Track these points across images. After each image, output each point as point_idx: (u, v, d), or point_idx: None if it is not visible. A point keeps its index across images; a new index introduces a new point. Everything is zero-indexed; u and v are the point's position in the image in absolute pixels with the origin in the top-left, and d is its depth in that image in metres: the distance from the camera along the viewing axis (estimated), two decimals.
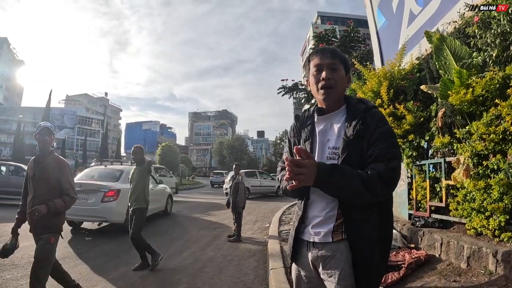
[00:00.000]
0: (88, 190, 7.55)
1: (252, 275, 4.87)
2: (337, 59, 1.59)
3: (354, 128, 1.48)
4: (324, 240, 1.51)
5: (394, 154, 1.45)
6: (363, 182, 1.36)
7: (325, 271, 1.52)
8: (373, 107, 1.57)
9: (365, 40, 14.04)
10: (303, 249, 1.62)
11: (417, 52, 5.72)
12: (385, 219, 1.54)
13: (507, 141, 3.33)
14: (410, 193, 5.39)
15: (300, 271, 1.67)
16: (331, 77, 1.56)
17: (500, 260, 3.04)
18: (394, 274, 3.72)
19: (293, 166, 1.33)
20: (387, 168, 1.39)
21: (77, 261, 5.53)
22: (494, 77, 3.46)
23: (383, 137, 1.46)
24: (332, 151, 1.54)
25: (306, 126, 1.68)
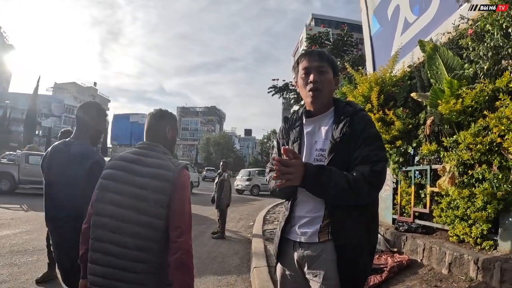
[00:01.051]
0: None
1: (235, 273, 4.88)
2: (325, 62, 1.60)
3: (341, 130, 1.50)
4: (311, 240, 1.53)
5: (380, 157, 1.47)
6: (348, 184, 1.39)
7: (311, 271, 1.53)
8: (360, 110, 1.59)
9: (358, 45, 14.15)
10: (289, 248, 1.64)
11: (409, 60, 5.80)
12: (371, 221, 1.56)
13: (493, 152, 3.40)
14: (395, 198, 5.47)
15: (285, 270, 1.68)
16: (318, 80, 1.58)
17: (481, 267, 3.12)
18: (376, 277, 3.78)
19: (281, 166, 1.35)
20: (372, 171, 1.41)
21: None
22: (484, 89, 3.54)
23: (370, 140, 1.48)
24: (319, 153, 1.56)
25: (295, 127, 1.70)
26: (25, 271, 4.36)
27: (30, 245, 5.66)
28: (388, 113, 5.37)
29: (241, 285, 4.41)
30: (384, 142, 5.18)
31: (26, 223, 7.50)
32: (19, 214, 8.48)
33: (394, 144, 5.40)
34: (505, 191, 3.18)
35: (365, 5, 8.11)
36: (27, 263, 4.71)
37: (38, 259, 4.87)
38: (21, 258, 4.92)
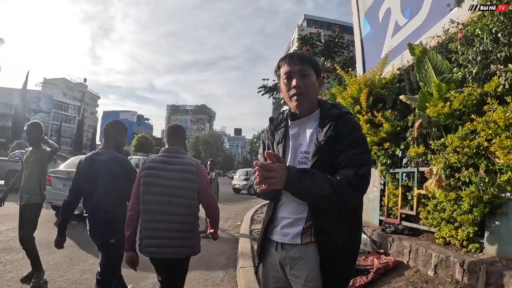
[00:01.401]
0: None
1: (221, 272, 4.83)
2: (307, 65, 1.56)
3: (325, 133, 1.48)
4: (293, 241, 1.52)
5: (364, 160, 1.45)
6: (332, 187, 1.37)
7: (293, 272, 1.53)
8: (346, 113, 1.57)
9: (349, 47, 14.23)
10: (272, 249, 1.63)
11: (399, 63, 5.84)
12: (354, 224, 1.55)
13: (480, 155, 3.44)
14: (382, 199, 5.50)
15: (268, 271, 1.67)
16: (302, 85, 1.54)
17: (466, 269, 3.15)
18: (362, 278, 3.79)
19: (263, 171, 1.33)
20: (356, 175, 1.40)
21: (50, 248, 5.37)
22: (472, 93, 3.57)
23: (355, 143, 1.47)
24: (303, 156, 1.55)
25: (280, 129, 1.68)
26: (10, 269, 4.30)
27: (16, 242, 5.53)
28: (377, 115, 5.39)
29: (227, 285, 4.37)
30: (372, 144, 5.25)
31: (12, 220, 7.33)
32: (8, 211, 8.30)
33: (382, 146, 5.43)
34: (492, 195, 3.22)
35: (356, 7, 8.16)
36: (12, 261, 4.64)
37: (23, 257, 4.75)
38: (6, 255, 4.84)
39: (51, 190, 8.20)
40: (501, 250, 3.18)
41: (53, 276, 4.18)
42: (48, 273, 4.23)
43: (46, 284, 3.96)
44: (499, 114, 3.05)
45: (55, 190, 8.24)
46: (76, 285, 3.97)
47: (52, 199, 8.22)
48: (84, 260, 4.93)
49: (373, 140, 5.46)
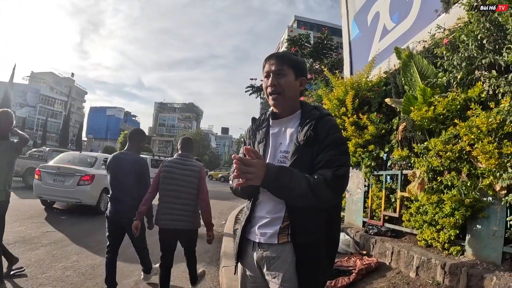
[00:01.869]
0: (65, 173, 8.38)
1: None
2: (284, 65, 1.58)
3: (305, 133, 1.49)
4: (270, 241, 1.52)
5: (343, 161, 1.46)
6: (309, 186, 1.38)
7: (269, 272, 1.53)
8: (326, 114, 1.58)
9: (337, 49, 14.27)
10: (249, 248, 1.63)
11: (385, 66, 5.90)
12: (332, 224, 1.55)
13: (462, 160, 3.49)
14: (366, 201, 5.54)
15: (245, 270, 1.67)
16: (276, 84, 1.57)
17: (448, 272, 3.19)
18: (344, 279, 3.81)
19: (241, 165, 1.34)
20: (334, 175, 1.40)
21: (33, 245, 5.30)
22: (456, 98, 3.62)
23: (333, 144, 1.48)
24: (283, 155, 1.56)
25: (261, 128, 1.70)
26: None
27: None
28: (362, 118, 5.44)
29: (209, 284, 4.35)
30: (357, 146, 5.30)
31: None
32: None
33: (367, 148, 5.47)
34: (473, 199, 3.27)
35: (346, 10, 8.22)
36: None
37: None
38: None
39: (42, 185, 8.38)
40: (482, 253, 3.23)
41: (35, 273, 4.10)
42: (30, 270, 4.17)
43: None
44: (482, 119, 3.11)
45: (46, 185, 8.37)
46: (58, 282, 3.91)
47: (42, 194, 8.42)
48: (66, 257, 4.84)
49: (358, 142, 5.50)
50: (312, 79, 11.21)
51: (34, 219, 7.27)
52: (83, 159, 9.57)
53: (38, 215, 7.73)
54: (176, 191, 3.47)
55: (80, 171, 8.46)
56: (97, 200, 8.67)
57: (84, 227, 7.04)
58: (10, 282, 3.73)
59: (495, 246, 3.13)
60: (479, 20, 3.15)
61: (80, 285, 3.89)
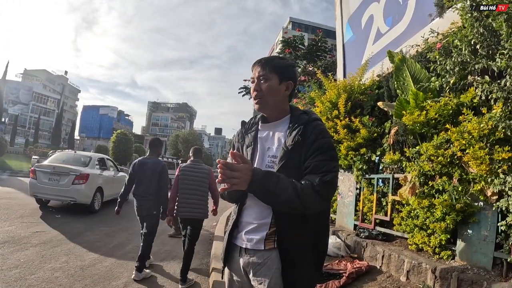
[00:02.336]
0: (60, 172, 8.57)
1: (194, 274, 4.78)
2: (267, 70, 1.58)
3: (293, 138, 1.49)
4: (256, 247, 1.52)
5: (331, 167, 1.44)
6: (295, 192, 1.36)
7: (256, 278, 1.52)
8: (315, 119, 1.57)
9: (331, 51, 14.27)
10: (236, 254, 1.63)
11: (378, 70, 5.91)
12: (319, 230, 1.55)
13: (454, 164, 3.50)
14: (357, 204, 5.55)
15: (232, 275, 1.66)
16: (258, 89, 1.58)
17: (438, 276, 3.19)
18: (334, 282, 3.80)
19: (226, 169, 1.33)
20: (321, 181, 1.39)
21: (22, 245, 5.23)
22: (448, 103, 3.63)
23: (322, 149, 1.46)
24: (271, 160, 1.56)
25: (250, 132, 1.70)
26: None
27: None
28: (354, 121, 5.43)
29: (199, 286, 4.33)
30: (349, 149, 5.29)
31: None
32: None
33: (358, 151, 5.47)
34: (464, 204, 3.28)
35: (340, 12, 8.22)
36: None
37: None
38: None
39: (37, 183, 8.51)
40: (472, 258, 3.24)
41: (24, 273, 4.04)
42: (19, 270, 4.11)
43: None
44: (474, 124, 3.11)
45: (41, 184, 8.50)
46: (47, 283, 3.86)
47: (37, 192, 8.53)
48: (56, 258, 4.78)
49: (350, 145, 5.50)
50: (305, 81, 11.21)
51: (24, 218, 7.17)
52: (78, 159, 9.74)
53: (28, 215, 7.62)
54: (191, 189, 4.49)
55: (75, 171, 8.63)
56: (91, 199, 8.90)
57: (74, 227, 6.95)
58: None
59: (486, 251, 3.14)
60: (473, 25, 3.15)
61: (69, 287, 3.85)
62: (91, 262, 4.76)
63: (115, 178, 11.03)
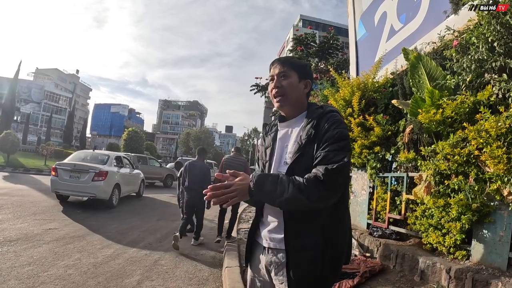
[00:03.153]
0: (81, 170, 9.15)
1: (207, 271, 4.80)
2: (286, 67, 1.59)
3: (307, 132, 1.48)
4: (279, 246, 1.49)
5: (340, 157, 1.37)
6: (297, 187, 1.33)
7: (277, 277, 1.50)
8: (330, 111, 1.54)
9: (343, 49, 14.21)
10: (258, 252, 1.62)
11: (392, 67, 5.85)
12: (331, 229, 1.46)
13: (470, 163, 3.44)
14: (371, 203, 5.51)
15: (254, 275, 1.65)
16: (280, 85, 1.58)
17: (453, 276, 3.16)
18: (348, 281, 3.78)
19: (216, 191, 1.37)
20: (327, 171, 1.33)
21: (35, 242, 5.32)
22: (465, 101, 3.58)
23: (332, 139, 1.42)
24: (289, 156, 1.54)
25: (270, 134, 1.72)
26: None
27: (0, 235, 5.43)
28: (368, 119, 5.40)
29: (212, 284, 4.33)
30: (362, 147, 5.26)
31: None
32: None
33: (372, 149, 5.44)
34: (480, 203, 3.23)
35: (352, 9, 8.16)
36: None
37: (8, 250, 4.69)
38: None
39: (58, 180, 9.10)
40: (488, 258, 3.20)
41: (37, 271, 4.08)
42: (32, 267, 4.16)
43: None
44: (491, 123, 3.06)
45: (62, 181, 9.09)
46: (60, 280, 3.88)
47: (58, 189, 9.15)
48: (69, 255, 4.84)
49: (364, 143, 5.47)
50: (317, 79, 11.16)
51: (37, 215, 7.30)
52: (96, 157, 10.36)
53: (41, 212, 7.77)
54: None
55: (95, 168, 9.21)
56: (110, 195, 9.46)
57: (87, 224, 7.05)
58: (10, 282, 3.70)
59: (501, 252, 3.10)
60: (490, 22, 3.09)
61: (82, 284, 3.86)
62: (104, 260, 4.82)
63: (131, 175, 11.70)
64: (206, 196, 1.37)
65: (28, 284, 3.68)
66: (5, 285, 3.55)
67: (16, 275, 3.86)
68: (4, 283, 3.59)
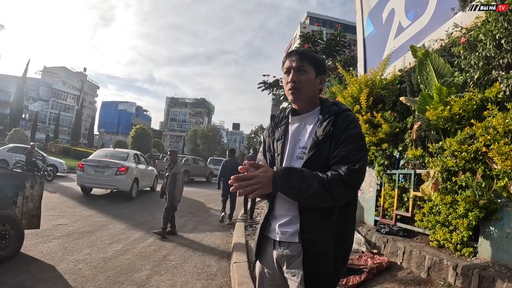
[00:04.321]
0: (105, 165, 10.62)
1: (215, 266, 4.87)
2: (305, 62, 1.58)
3: (324, 129, 1.48)
4: (291, 240, 1.52)
5: (359, 157, 1.43)
6: (321, 184, 1.36)
7: (289, 270, 1.52)
8: (346, 110, 1.57)
9: (350, 46, 14.17)
10: (269, 247, 1.64)
11: (400, 64, 5.83)
12: (343, 225, 1.52)
13: (477, 160, 3.44)
14: (378, 200, 5.52)
15: (264, 268, 1.67)
16: (297, 80, 1.57)
17: (459, 273, 3.17)
18: (355, 277, 3.81)
19: (241, 181, 1.36)
20: (349, 170, 1.38)
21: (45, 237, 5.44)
22: (472, 98, 3.57)
23: (351, 139, 1.46)
24: (302, 151, 1.55)
25: (280, 126, 1.70)
26: None
27: None
28: (376, 116, 5.40)
29: (220, 279, 4.39)
30: (370, 144, 5.26)
31: None
32: None
33: (380, 146, 5.44)
34: (488, 200, 3.23)
35: (360, 6, 8.12)
36: None
37: None
38: None
39: (84, 175, 10.56)
40: (494, 255, 3.20)
41: (47, 265, 4.17)
42: (42, 262, 4.24)
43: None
44: (499, 120, 3.06)
45: (88, 175, 10.57)
46: (70, 275, 3.97)
47: (84, 182, 10.65)
48: (78, 250, 4.94)
49: (372, 140, 5.47)
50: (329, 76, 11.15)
51: (46, 211, 7.40)
52: (117, 154, 11.94)
53: (50, 208, 7.92)
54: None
55: (117, 164, 10.73)
56: (130, 187, 10.80)
57: (96, 220, 7.19)
58: (22, 276, 3.78)
59: (508, 249, 3.10)
60: (498, 19, 3.09)
61: (92, 278, 3.94)
62: (113, 255, 4.91)
63: (146, 171, 13.16)
64: (232, 188, 1.37)
65: (38, 278, 3.76)
66: (16, 279, 3.63)
67: (27, 269, 3.96)
68: (15, 278, 3.67)
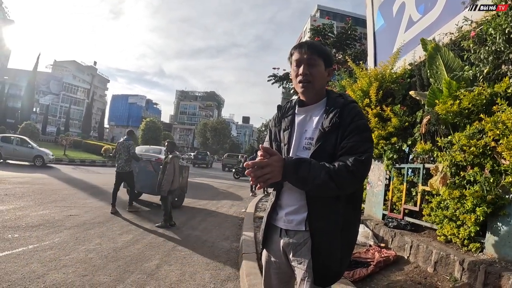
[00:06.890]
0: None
1: (224, 257, 4.94)
2: (315, 54, 1.60)
3: (330, 120, 1.51)
4: (297, 228, 1.55)
5: (366, 148, 1.47)
6: (328, 175, 1.39)
7: (295, 258, 1.56)
8: (351, 102, 1.60)
9: (361, 39, 14.03)
10: (275, 235, 1.67)
11: (410, 58, 5.79)
12: (349, 215, 1.55)
13: (486, 155, 3.43)
14: (387, 194, 5.52)
15: (270, 257, 1.71)
16: (308, 73, 1.59)
17: (466, 268, 3.19)
18: (362, 270, 3.84)
19: (255, 170, 1.39)
20: (355, 161, 1.41)
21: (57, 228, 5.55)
22: (482, 93, 3.54)
23: (357, 130, 1.49)
24: (308, 141, 1.58)
25: (287, 116, 1.72)
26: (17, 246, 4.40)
27: (23, 220, 5.68)
28: (386, 109, 5.38)
29: (229, 270, 4.44)
30: (379, 138, 5.26)
31: (20, 199, 7.55)
32: (12, 191, 8.50)
33: (389, 140, 5.43)
34: (495, 195, 3.22)
35: (371, 0, 8.05)
36: (19, 238, 4.73)
37: (30, 235, 4.91)
38: (13, 233, 4.94)
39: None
40: (501, 251, 3.20)
41: (58, 254, 4.27)
42: (54, 251, 4.34)
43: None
44: (508, 115, 3.04)
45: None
46: (81, 264, 4.06)
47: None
48: (89, 240, 5.05)
49: (381, 134, 5.47)
50: (335, 69, 11.10)
51: (57, 203, 7.60)
52: (152, 149, 13.68)
53: (61, 199, 8.10)
54: None
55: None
56: None
57: (106, 211, 7.30)
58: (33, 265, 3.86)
59: None
60: (507, 13, 3.06)
61: (102, 267, 4.02)
62: (123, 245, 5.01)
63: None
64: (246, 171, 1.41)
65: (50, 266, 3.84)
66: (28, 267, 3.72)
67: (39, 259, 4.04)
68: (27, 266, 3.76)
